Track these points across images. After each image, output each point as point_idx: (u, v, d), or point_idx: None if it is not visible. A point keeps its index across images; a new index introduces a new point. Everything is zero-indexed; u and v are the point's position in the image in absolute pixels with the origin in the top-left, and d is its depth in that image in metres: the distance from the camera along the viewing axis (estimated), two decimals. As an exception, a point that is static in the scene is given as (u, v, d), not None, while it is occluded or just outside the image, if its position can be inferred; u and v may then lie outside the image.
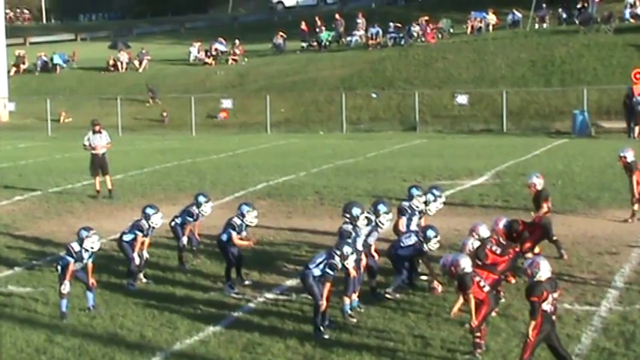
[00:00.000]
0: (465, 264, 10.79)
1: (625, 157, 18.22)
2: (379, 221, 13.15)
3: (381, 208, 13.19)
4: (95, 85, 54.24)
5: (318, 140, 38.84)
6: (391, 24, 53.59)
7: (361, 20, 56.17)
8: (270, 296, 13.56)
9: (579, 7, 52.67)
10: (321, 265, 11.58)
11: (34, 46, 65.89)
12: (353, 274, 12.01)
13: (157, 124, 47.25)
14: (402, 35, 52.74)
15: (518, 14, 54.67)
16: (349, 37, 55.40)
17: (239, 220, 13.98)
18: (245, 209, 14.07)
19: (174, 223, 15.59)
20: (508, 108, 40.76)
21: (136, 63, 56.50)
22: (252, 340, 11.50)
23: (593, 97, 40.20)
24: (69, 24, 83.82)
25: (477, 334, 10.66)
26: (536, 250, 14.64)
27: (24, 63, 58.51)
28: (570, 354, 10.21)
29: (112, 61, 57.00)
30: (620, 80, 40.66)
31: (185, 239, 15.46)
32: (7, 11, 69.07)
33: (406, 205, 14.53)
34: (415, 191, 14.65)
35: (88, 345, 11.45)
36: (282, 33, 56.42)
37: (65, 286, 12.56)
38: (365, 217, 12.87)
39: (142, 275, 14.57)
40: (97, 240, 12.86)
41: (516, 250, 13.23)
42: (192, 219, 15.56)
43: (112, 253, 15.97)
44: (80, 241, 12.75)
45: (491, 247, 12.58)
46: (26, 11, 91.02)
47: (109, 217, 20.11)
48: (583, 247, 16.12)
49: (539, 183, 15.70)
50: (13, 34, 62.48)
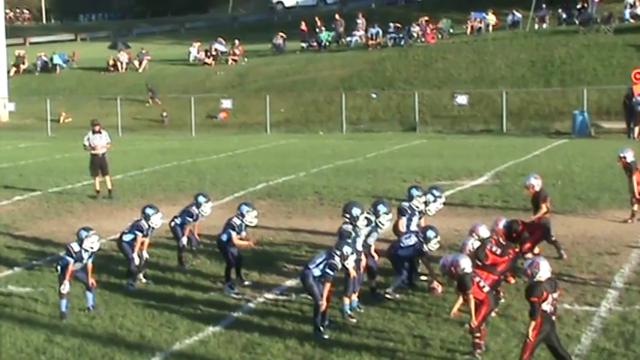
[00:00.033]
0: (465, 264, 10.79)
1: (625, 157, 18.21)
2: (379, 222, 13.15)
3: (381, 208, 13.19)
4: (95, 85, 54.20)
5: (317, 140, 38.82)
6: (391, 24, 53.55)
7: (361, 20, 56.14)
8: (270, 296, 13.55)
9: (579, 7, 52.65)
10: (321, 266, 11.58)
11: (34, 46, 65.87)
12: (353, 274, 12.01)
13: (156, 124, 47.21)
14: (401, 35, 52.71)
15: (518, 15, 54.66)
16: (349, 38, 55.36)
17: (239, 221, 13.98)
18: (245, 209, 14.08)
19: (173, 223, 15.58)
20: (508, 108, 40.73)
21: (136, 63, 56.46)
22: (252, 341, 11.50)
23: (593, 97, 40.16)
24: (69, 24, 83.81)
25: (477, 334, 10.66)
26: (536, 251, 14.63)
27: (24, 63, 58.46)
28: (570, 354, 10.21)
29: (111, 62, 56.95)
30: (620, 80, 40.61)
31: (185, 239, 15.46)
32: (7, 11, 69.06)
33: (406, 206, 14.53)
34: (415, 192, 14.64)
35: (87, 345, 11.45)
36: (282, 33, 56.39)
37: (65, 286, 12.56)
38: (365, 217, 12.87)
39: (141, 275, 14.57)
40: (96, 240, 12.86)
41: (516, 251, 13.24)
42: (191, 219, 15.55)
43: (112, 253, 15.96)
44: (80, 242, 12.75)
45: (491, 247, 12.60)
46: (26, 11, 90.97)
47: (108, 218, 20.11)
48: (583, 247, 16.12)
49: (537, 184, 15.69)
50: (13, 34, 62.47)
